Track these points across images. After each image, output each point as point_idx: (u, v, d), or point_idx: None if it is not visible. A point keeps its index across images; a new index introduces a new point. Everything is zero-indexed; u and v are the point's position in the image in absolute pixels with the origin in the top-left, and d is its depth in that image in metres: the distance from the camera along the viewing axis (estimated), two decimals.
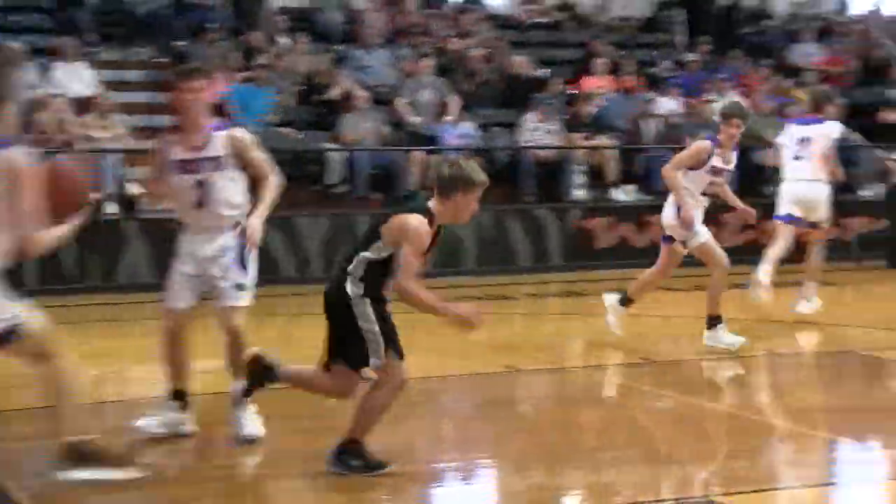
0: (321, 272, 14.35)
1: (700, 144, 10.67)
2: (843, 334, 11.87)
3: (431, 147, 17.04)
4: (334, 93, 17.78)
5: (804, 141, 12.19)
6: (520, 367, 10.00)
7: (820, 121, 12.31)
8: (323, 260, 15.34)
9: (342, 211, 16.14)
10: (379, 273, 6.47)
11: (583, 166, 17.74)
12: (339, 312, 6.55)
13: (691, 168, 10.50)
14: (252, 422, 7.36)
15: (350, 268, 6.50)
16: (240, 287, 7.50)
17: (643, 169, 17.95)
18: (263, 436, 7.32)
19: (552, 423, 8.53)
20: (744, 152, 17.77)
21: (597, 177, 17.81)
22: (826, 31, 23.48)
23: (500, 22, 22.02)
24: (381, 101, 17.94)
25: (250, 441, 7.30)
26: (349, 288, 6.48)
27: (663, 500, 6.36)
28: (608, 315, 10.94)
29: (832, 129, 12.15)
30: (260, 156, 7.67)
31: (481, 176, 6.53)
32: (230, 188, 7.51)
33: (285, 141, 16.53)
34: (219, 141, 7.47)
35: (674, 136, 17.51)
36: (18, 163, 5.97)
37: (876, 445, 7.94)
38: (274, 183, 7.63)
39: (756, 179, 18.12)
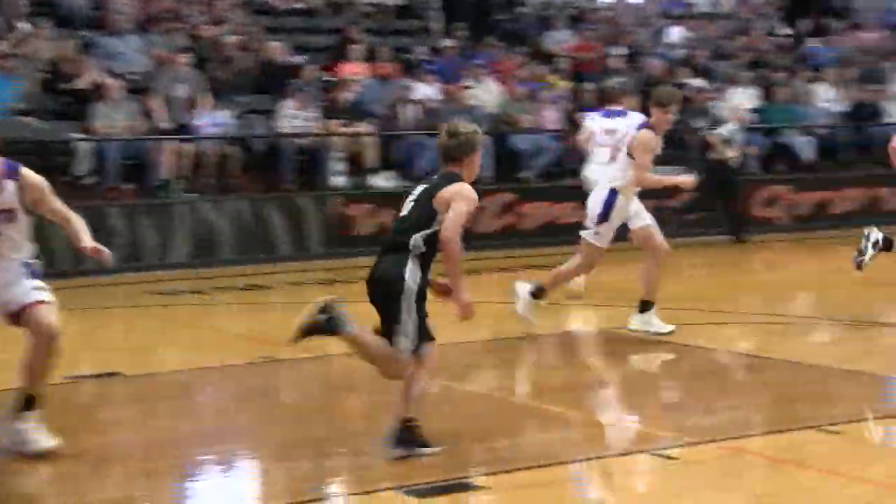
0: (70, 264, 13.81)
1: (647, 135, 10.40)
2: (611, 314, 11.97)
3: (184, 136, 16.68)
4: (82, 81, 17.17)
5: (608, 133, 12.26)
6: (279, 356, 9.79)
7: (624, 114, 12.41)
8: (70, 252, 14.80)
9: (93, 203, 15.60)
10: (433, 245, 6.74)
11: (341, 153, 17.63)
12: (388, 299, 6.73)
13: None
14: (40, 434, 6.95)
15: (412, 244, 6.70)
16: (38, 288, 7.07)
17: (402, 155, 17.97)
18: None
19: (314, 410, 8.40)
20: (500, 137, 18.24)
21: (356, 164, 17.73)
22: (578, 19, 24.01)
23: (255, 8, 21.68)
24: (135, 90, 17.42)
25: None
26: (407, 274, 6.69)
27: (429, 483, 6.29)
28: (518, 303, 10.80)
29: (634, 122, 11.62)
30: (56, 203, 7.21)
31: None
32: (18, 235, 7.12)
33: (28, 130, 15.90)
34: (9, 191, 6.96)
35: (432, 123, 17.54)
36: None
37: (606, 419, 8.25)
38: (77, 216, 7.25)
39: (512, 165, 18.44)
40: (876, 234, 11.34)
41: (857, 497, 6.20)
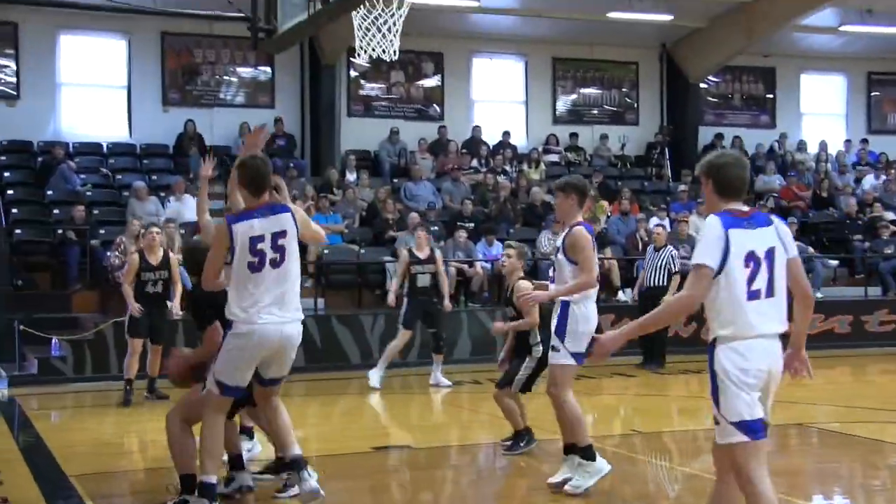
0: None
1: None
2: None
3: (467, 259, 17.14)
4: (391, 217, 18.02)
5: None
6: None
7: None
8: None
9: None
10: None
11: None
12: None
13: None
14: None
15: None
16: None
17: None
18: None
19: None
20: None
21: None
22: (786, 166, 23.53)
23: (520, 159, 22.24)
24: (428, 223, 18.10)
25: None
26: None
27: None
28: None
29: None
30: None
31: None
32: None
33: (352, 254, 16.68)
34: None
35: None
36: None
37: None
38: None
39: None
40: None
41: None
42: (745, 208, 5.02)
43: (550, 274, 7.62)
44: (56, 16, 19.39)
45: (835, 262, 19.71)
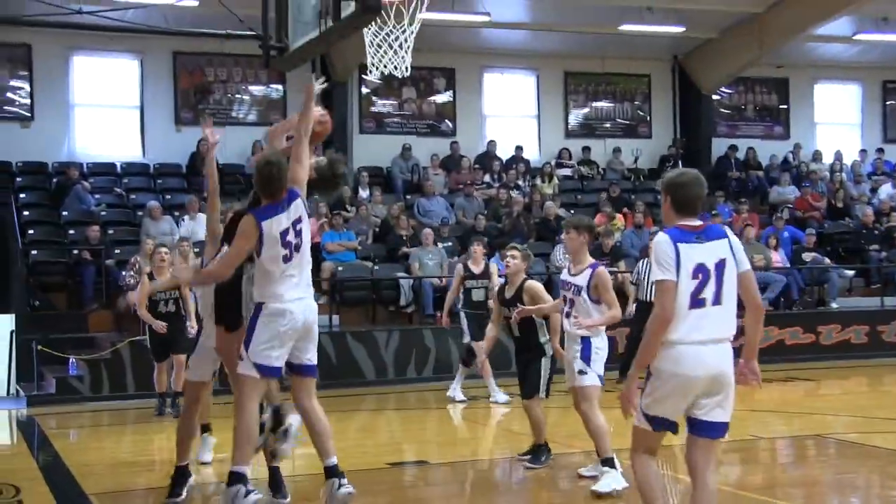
0: (396, 373, 14.35)
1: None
2: None
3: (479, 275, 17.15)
4: (404, 233, 18.09)
5: None
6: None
7: None
8: (396, 364, 15.43)
9: (412, 326, 16.31)
10: None
11: None
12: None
13: None
14: None
15: None
16: None
17: None
18: None
19: None
20: None
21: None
22: (800, 177, 23.54)
23: (533, 173, 22.29)
24: (441, 238, 18.17)
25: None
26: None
27: None
28: None
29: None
30: None
31: None
32: None
33: (366, 270, 16.71)
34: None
35: None
36: None
37: None
38: None
39: None
40: None
41: None
42: (698, 223, 5.41)
43: (564, 307, 8.20)
44: (69, 37, 19.56)
45: (851, 273, 19.69)
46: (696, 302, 5.26)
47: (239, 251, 6.79)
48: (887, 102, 26.08)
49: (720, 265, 5.31)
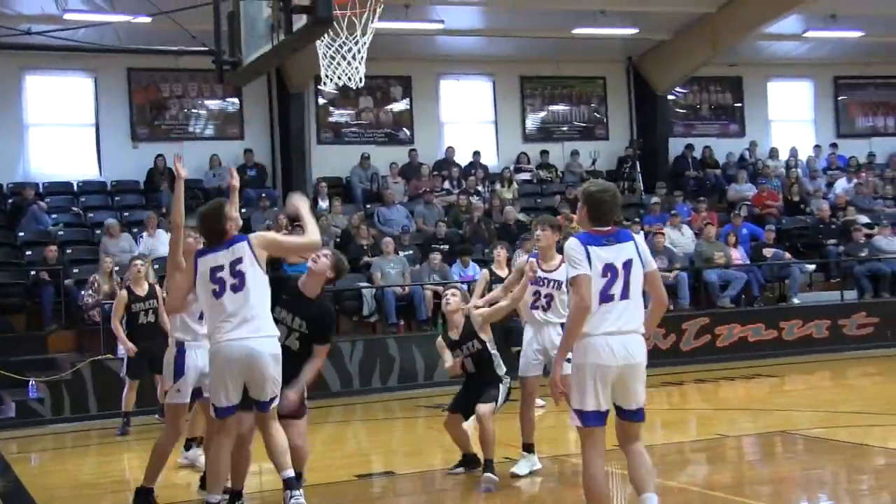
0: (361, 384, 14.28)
1: None
2: None
3: (441, 282, 17.13)
4: (365, 242, 18.01)
5: None
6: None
7: None
8: (361, 374, 15.36)
9: (375, 336, 16.25)
10: None
11: None
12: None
13: None
14: None
15: None
16: None
17: None
18: None
19: None
20: (697, 272, 18.15)
21: None
22: (756, 174, 23.70)
23: (492, 179, 22.30)
24: (403, 246, 18.11)
25: None
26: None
27: None
28: None
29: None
30: None
31: None
32: None
33: None
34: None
35: None
36: None
37: None
38: None
39: (707, 294, 18.22)
40: None
41: None
42: (608, 228, 6.04)
43: (534, 302, 8.47)
44: (21, 57, 19.33)
45: (811, 267, 19.85)
46: (606, 297, 5.86)
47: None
48: (839, 98, 26.35)
49: (627, 264, 5.93)
